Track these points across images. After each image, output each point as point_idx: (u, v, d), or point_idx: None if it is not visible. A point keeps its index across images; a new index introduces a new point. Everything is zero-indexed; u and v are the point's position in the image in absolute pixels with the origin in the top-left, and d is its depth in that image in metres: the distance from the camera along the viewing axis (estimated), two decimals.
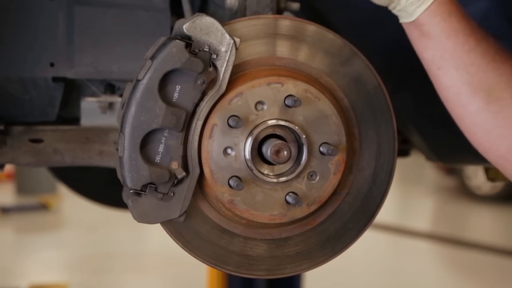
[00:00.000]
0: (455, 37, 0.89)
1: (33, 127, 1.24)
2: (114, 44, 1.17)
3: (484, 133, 0.91)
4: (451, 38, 0.89)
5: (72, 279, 4.43)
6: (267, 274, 0.96)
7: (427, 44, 0.91)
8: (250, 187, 0.88)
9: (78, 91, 1.28)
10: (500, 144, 0.90)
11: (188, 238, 0.92)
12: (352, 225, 0.97)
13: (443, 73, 0.91)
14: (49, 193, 6.75)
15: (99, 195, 2.27)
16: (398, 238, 5.76)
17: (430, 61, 0.92)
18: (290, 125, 0.88)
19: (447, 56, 0.90)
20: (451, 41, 0.89)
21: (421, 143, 1.50)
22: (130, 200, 0.86)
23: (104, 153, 1.27)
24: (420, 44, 0.92)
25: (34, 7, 1.14)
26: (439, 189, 8.27)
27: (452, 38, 0.89)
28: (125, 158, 0.84)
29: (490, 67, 0.89)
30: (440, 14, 0.88)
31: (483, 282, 4.71)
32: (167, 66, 0.83)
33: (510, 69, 0.89)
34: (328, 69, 0.94)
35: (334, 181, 0.91)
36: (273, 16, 0.93)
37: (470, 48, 0.89)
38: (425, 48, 0.91)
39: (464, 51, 0.89)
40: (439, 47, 0.90)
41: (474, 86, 0.89)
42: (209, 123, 0.87)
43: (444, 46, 0.89)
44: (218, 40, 0.86)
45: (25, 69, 1.16)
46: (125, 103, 0.85)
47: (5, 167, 1.29)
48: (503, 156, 0.90)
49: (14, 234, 5.83)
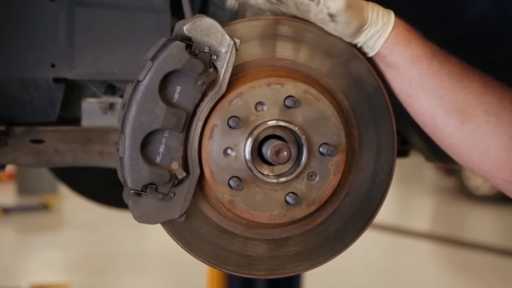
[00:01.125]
0: (418, 63, 0.91)
1: (34, 127, 1.24)
2: (114, 45, 1.18)
3: (465, 152, 0.92)
4: (415, 65, 0.91)
5: (73, 279, 4.44)
6: (267, 274, 0.96)
7: (394, 74, 0.93)
8: (250, 187, 0.89)
9: (79, 92, 1.29)
10: (482, 161, 0.91)
11: (189, 238, 0.93)
12: (352, 225, 0.97)
13: (415, 99, 0.93)
14: (50, 193, 6.76)
15: (100, 196, 2.28)
16: (397, 238, 5.77)
17: (400, 90, 0.94)
18: (290, 126, 0.88)
19: (414, 82, 0.91)
20: (416, 67, 0.91)
21: (420, 143, 1.51)
22: (131, 200, 0.86)
23: (105, 154, 1.28)
24: (388, 75, 0.94)
25: (35, 9, 1.14)
26: (438, 189, 8.27)
27: (416, 65, 0.91)
28: (125, 158, 0.84)
29: (457, 87, 0.90)
30: (399, 43, 0.91)
31: (482, 282, 4.71)
32: (167, 67, 0.83)
33: (477, 86, 0.91)
34: (328, 70, 0.94)
35: (333, 181, 0.91)
36: (273, 17, 0.94)
37: (435, 71, 0.90)
38: (393, 78, 0.93)
39: (429, 76, 0.91)
40: (406, 75, 0.92)
41: (446, 108, 0.91)
42: (209, 124, 0.87)
43: (410, 73, 0.91)
44: (218, 41, 0.86)
45: (26, 70, 1.16)
46: (126, 104, 0.85)
47: (6, 167, 1.29)
48: (487, 172, 0.92)
49: (15, 234, 5.84)
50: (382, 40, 0.90)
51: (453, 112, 0.90)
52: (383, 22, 0.90)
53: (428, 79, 0.90)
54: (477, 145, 0.90)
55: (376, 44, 0.91)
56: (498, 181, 0.92)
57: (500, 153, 0.89)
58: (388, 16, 0.91)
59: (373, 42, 0.91)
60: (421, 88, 0.91)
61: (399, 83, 0.93)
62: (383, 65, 0.94)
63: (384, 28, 0.90)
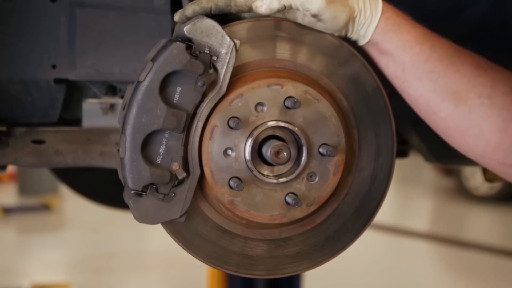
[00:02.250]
0: (410, 48, 0.90)
1: (35, 128, 1.25)
2: (115, 46, 1.18)
3: (460, 135, 0.92)
4: (406, 50, 0.91)
5: (73, 279, 4.44)
6: (267, 274, 0.96)
7: (386, 61, 0.93)
8: (250, 187, 0.89)
9: (80, 92, 1.29)
10: (476, 144, 0.91)
11: (189, 238, 0.93)
12: (351, 225, 0.98)
13: (408, 85, 0.93)
14: (51, 193, 6.76)
15: (101, 196, 2.28)
16: (396, 238, 5.77)
17: (394, 76, 0.94)
18: (290, 127, 0.89)
19: (407, 68, 0.91)
20: (408, 53, 0.91)
21: (419, 144, 1.51)
22: (131, 200, 0.86)
23: (106, 154, 1.28)
24: (381, 62, 0.94)
25: (36, 10, 1.15)
26: (438, 189, 8.28)
27: (407, 50, 0.90)
28: (126, 159, 0.85)
29: (450, 70, 0.90)
30: (390, 29, 0.90)
31: (481, 282, 4.72)
32: (167, 68, 0.84)
33: (470, 69, 0.90)
34: (327, 70, 0.95)
35: (333, 181, 0.92)
36: (273, 19, 0.94)
37: (427, 56, 0.90)
38: (386, 65, 0.93)
39: (422, 61, 0.90)
40: (398, 61, 0.92)
41: (440, 92, 0.91)
42: (210, 125, 0.87)
43: (402, 59, 0.91)
44: (219, 42, 0.86)
45: (27, 71, 1.17)
46: (126, 105, 0.85)
47: (7, 168, 1.29)
48: (481, 154, 0.92)
49: (16, 234, 5.84)
50: (372, 27, 0.90)
51: (447, 96, 0.90)
52: (371, 9, 0.90)
53: (421, 64, 0.90)
54: (471, 128, 0.90)
55: (367, 32, 0.91)
56: (493, 163, 0.92)
57: (494, 135, 0.89)
58: (376, 2, 0.91)
59: (364, 30, 0.91)
60: (414, 73, 0.91)
61: (392, 69, 0.92)
62: (375, 53, 0.93)
63: (373, 15, 0.90)
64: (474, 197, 7.12)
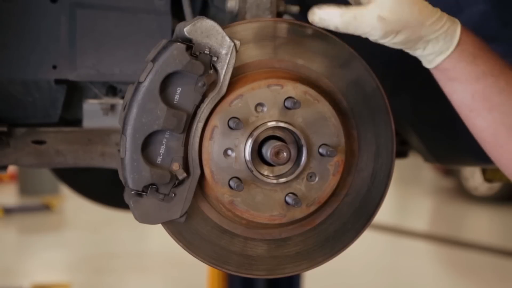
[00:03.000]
0: (484, 79, 0.87)
1: (36, 128, 1.25)
2: (116, 47, 1.19)
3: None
4: (480, 81, 0.87)
5: (74, 279, 4.45)
6: (267, 274, 0.96)
7: (455, 87, 0.89)
8: (250, 188, 0.89)
9: (80, 93, 1.29)
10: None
11: (189, 238, 0.93)
12: (351, 225, 0.98)
13: (476, 114, 0.89)
14: (52, 194, 6.76)
15: (101, 196, 2.28)
16: (396, 238, 5.78)
17: (461, 103, 0.90)
18: (290, 127, 0.89)
19: (477, 98, 0.88)
20: (481, 83, 0.87)
21: (419, 144, 1.51)
22: (132, 200, 0.87)
23: (106, 155, 1.28)
24: (448, 87, 0.90)
25: (36, 10, 1.15)
26: (437, 190, 8.28)
27: (481, 81, 0.87)
28: (126, 159, 0.85)
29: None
30: (464, 60, 0.86)
31: (480, 281, 4.72)
32: (168, 69, 0.84)
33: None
34: (327, 71, 0.95)
35: (333, 182, 0.92)
36: (273, 19, 0.94)
37: (501, 89, 0.87)
38: (453, 91, 0.89)
39: (494, 93, 0.87)
40: (469, 90, 0.88)
41: (510, 125, 0.88)
42: (210, 125, 0.88)
43: (473, 88, 0.87)
44: (219, 43, 0.87)
45: (28, 71, 1.17)
46: (127, 105, 0.86)
47: (8, 168, 1.30)
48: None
49: (17, 235, 5.85)
50: (441, 58, 0.86)
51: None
52: (445, 40, 0.85)
53: (493, 95, 0.87)
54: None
55: (434, 60, 0.87)
56: None
57: None
58: (453, 33, 0.85)
59: (431, 58, 0.87)
60: (484, 104, 0.87)
61: (460, 96, 0.89)
62: (443, 78, 0.89)
63: (444, 46, 0.85)
64: (473, 197, 7.13)
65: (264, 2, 0.99)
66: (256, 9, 0.99)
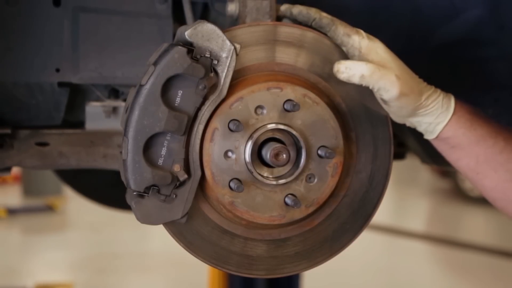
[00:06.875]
0: (484, 142, 0.91)
1: (39, 130, 1.26)
2: (118, 50, 1.20)
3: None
4: (480, 144, 0.91)
5: (77, 278, 4.46)
6: (266, 274, 0.97)
7: (458, 154, 0.93)
8: (250, 189, 0.90)
9: (83, 96, 1.30)
10: None
11: (190, 238, 0.94)
12: (350, 226, 0.99)
13: (483, 176, 0.93)
14: (55, 195, 6.78)
15: (103, 197, 2.29)
16: (394, 238, 5.79)
17: (467, 169, 0.94)
18: (289, 129, 0.90)
19: (481, 160, 0.92)
20: (481, 146, 0.91)
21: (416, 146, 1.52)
22: (134, 201, 0.88)
23: (108, 156, 1.29)
24: (452, 155, 0.94)
25: (40, 14, 1.16)
26: (434, 191, 8.29)
27: (481, 144, 0.91)
28: (128, 161, 0.86)
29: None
30: (462, 126, 0.91)
31: (476, 281, 4.73)
32: (169, 72, 0.85)
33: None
34: (326, 74, 0.96)
35: (331, 183, 0.93)
36: (272, 23, 0.95)
37: (501, 148, 0.91)
38: (457, 158, 0.94)
39: (496, 153, 0.91)
40: (471, 154, 0.92)
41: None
42: (210, 127, 0.89)
43: (476, 152, 0.92)
44: (219, 46, 0.88)
45: (31, 74, 1.18)
46: (129, 108, 0.87)
47: (12, 169, 1.31)
48: None
49: (21, 235, 5.87)
50: (441, 126, 0.91)
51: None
52: (442, 109, 0.91)
53: (495, 155, 0.91)
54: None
55: (435, 130, 0.92)
56: None
57: None
58: (448, 103, 0.92)
59: (432, 128, 0.92)
60: (488, 165, 0.92)
61: (465, 162, 0.93)
62: (445, 147, 0.94)
63: (442, 115, 0.91)
64: (470, 198, 7.14)
65: (264, 6, 1.00)
66: (256, 13, 1.00)
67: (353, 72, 0.87)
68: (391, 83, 0.87)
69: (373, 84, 0.87)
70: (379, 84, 0.87)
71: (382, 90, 0.88)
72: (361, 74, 0.87)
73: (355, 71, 0.87)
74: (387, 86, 0.87)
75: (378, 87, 0.87)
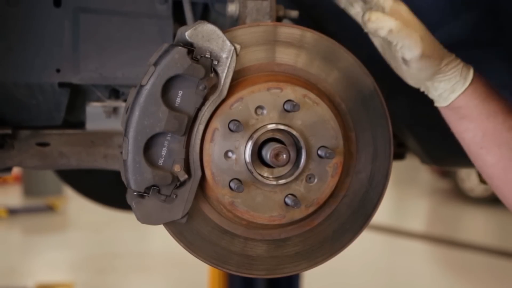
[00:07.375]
0: (494, 117, 0.91)
1: (40, 131, 1.26)
2: (118, 51, 1.20)
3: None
4: (491, 119, 0.91)
5: (77, 278, 4.47)
6: (266, 274, 0.98)
7: (466, 126, 0.93)
8: (250, 189, 0.90)
9: (84, 96, 1.31)
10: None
11: (190, 238, 0.95)
12: (349, 226, 0.99)
13: (486, 151, 0.93)
14: (55, 195, 6.80)
15: (104, 197, 2.30)
16: (393, 238, 5.80)
17: (471, 141, 0.94)
18: (289, 129, 0.90)
19: (488, 135, 0.92)
20: (491, 121, 0.91)
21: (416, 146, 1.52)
22: (134, 202, 0.88)
23: (109, 156, 1.29)
24: (459, 126, 0.94)
25: (41, 15, 1.16)
26: (434, 191, 8.30)
27: (492, 119, 0.91)
28: (129, 161, 0.86)
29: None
30: (477, 98, 0.91)
31: (476, 281, 4.74)
32: (169, 72, 0.85)
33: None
34: (326, 74, 0.96)
35: (331, 183, 0.93)
36: (272, 24, 0.96)
37: (510, 126, 0.91)
38: (464, 129, 0.93)
39: (505, 130, 0.91)
40: (480, 127, 0.92)
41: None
42: (211, 127, 0.89)
43: (484, 126, 0.92)
44: (219, 47, 0.88)
45: (32, 75, 1.18)
46: (129, 108, 0.87)
47: (13, 170, 1.31)
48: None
49: (21, 235, 5.88)
50: (455, 95, 0.91)
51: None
52: (460, 77, 0.90)
53: (503, 132, 0.91)
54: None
55: (449, 97, 0.92)
56: None
57: None
58: (467, 72, 0.91)
59: (446, 95, 0.92)
60: (493, 140, 0.91)
61: (472, 135, 0.93)
62: (454, 116, 0.93)
63: (459, 84, 0.90)
64: (470, 199, 7.15)
65: (264, 7, 1.00)
66: (256, 13, 1.00)
67: (382, 24, 0.86)
68: (415, 43, 0.87)
69: (398, 40, 0.87)
70: (403, 42, 0.87)
71: (406, 48, 0.87)
72: (389, 29, 0.86)
73: (384, 24, 0.86)
74: (411, 45, 0.87)
75: (402, 45, 0.87)
